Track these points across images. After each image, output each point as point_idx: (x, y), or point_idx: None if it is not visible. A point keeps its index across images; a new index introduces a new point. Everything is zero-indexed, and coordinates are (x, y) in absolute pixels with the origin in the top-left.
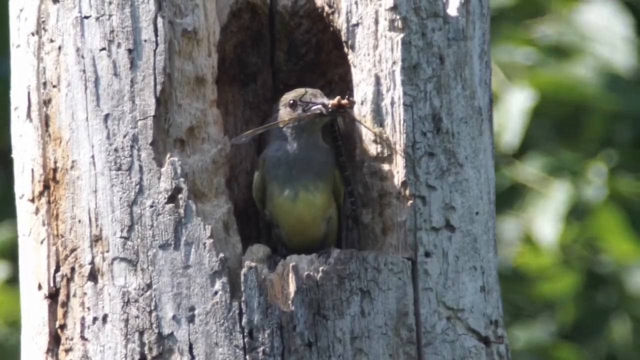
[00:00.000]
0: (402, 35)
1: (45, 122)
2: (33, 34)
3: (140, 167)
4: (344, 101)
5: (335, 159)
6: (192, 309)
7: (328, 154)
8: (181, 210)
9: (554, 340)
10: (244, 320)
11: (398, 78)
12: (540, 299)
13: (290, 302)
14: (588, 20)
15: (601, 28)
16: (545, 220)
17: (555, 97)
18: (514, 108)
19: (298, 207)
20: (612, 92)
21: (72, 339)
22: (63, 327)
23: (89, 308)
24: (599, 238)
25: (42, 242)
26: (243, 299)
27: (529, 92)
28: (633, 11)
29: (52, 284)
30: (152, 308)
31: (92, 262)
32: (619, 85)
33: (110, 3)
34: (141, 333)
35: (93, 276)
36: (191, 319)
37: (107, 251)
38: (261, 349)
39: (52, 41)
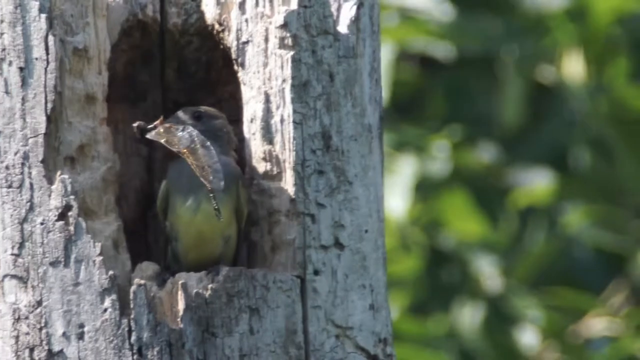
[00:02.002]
0: (292, 52)
1: None
2: None
3: (31, 184)
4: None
5: (243, 179)
6: (81, 326)
7: (231, 169)
8: (71, 228)
9: (399, 316)
10: (133, 337)
11: (288, 96)
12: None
13: (179, 319)
14: None
15: None
16: (394, 196)
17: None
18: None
19: (198, 218)
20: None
21: None
22: None
23: None
24: (443, 215)
25: None
26: (132, 316)
27: (390, 46)
28: None
29: None
30: (43, 325)
31: None
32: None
33: (1, 21)
34: (31, 350)
35: None
36: (81, 336)
37: None
38: None
39: None
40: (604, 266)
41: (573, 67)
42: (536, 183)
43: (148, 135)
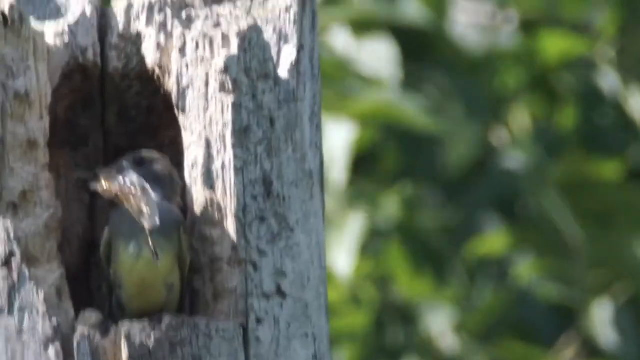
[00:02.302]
0: (232, 97)
1: None
2: None
3: None
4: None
5: (185, 225)
6: None
7: (173, 215)
8: (15, 275)
9: None
10: None
11: (229, 141)
12: (332, 334)
13: None
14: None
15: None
16: (341, 252)
17: (373, 124)
18: (337, 144)
19: (140, 264)
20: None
21: None
22: None
23: None
24: (391, 273)
25: None
26: None
27: (349, 125)
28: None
29: None
30: None
31: None
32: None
33: None
34: None
35: None
36: None
37: None
38: None
39: None
40: (555, 319)
41: (520, 118)
42: (486, 230)
43: (90, 187)
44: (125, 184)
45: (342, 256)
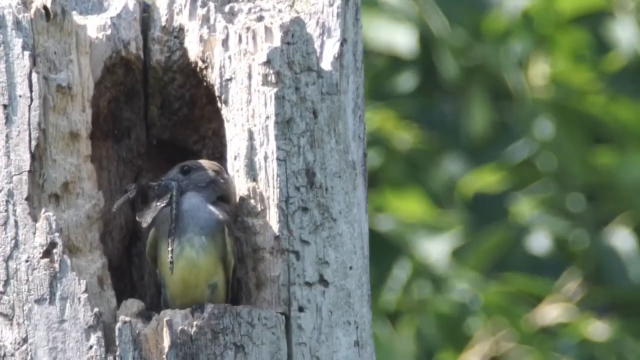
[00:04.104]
0: (275, 89)
1: None
2: None
3: (16, 222)
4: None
5: (231, 228)
6: None
7: (215, 217)
8: (56, 265)
9: None
10: None
11: (271, 132)
12: None
13: (164, 356)
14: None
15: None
16: None
17: None
18: None
19: (180, 264)
20: None
21: None
22: None
23: None
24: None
25: None
26: (118, 353)
27: None
28: None
29: None
30: None
31: None
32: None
33: None
34: None
35: None
36: None
37: None
38: None
39: None
40: (557, 254)
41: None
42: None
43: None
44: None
45: None
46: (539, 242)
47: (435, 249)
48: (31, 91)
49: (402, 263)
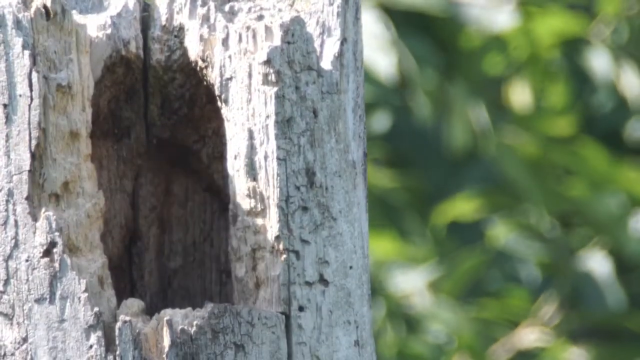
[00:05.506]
0: (275, 88)
1: None
2: None
3: (16, 221)
4: None
5: None
6: None
7: None
8: (56, 265)
9: None
10: None
11: (271, 132)
12: None
13: (164, 356)
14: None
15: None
16: None
17: None
18: None
19: None
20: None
21: None
22: None
23: None
24: None
25: None
26: (118, 352)
27: None
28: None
29: None
30: None
31: None
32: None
33: None
34: None
35: None
36: None
37: None
38: None
39: None
40: (533, 277)
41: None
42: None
43: None
44: None
45: None
46: (515, 266)
47: (410, 284)
48: (31, 90)
49: (376, 303)
